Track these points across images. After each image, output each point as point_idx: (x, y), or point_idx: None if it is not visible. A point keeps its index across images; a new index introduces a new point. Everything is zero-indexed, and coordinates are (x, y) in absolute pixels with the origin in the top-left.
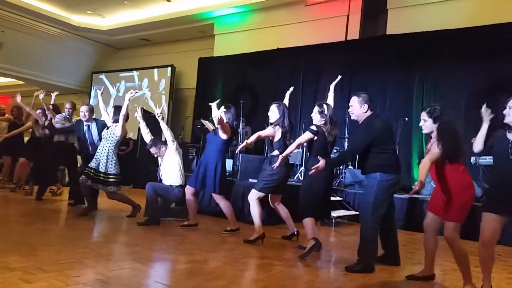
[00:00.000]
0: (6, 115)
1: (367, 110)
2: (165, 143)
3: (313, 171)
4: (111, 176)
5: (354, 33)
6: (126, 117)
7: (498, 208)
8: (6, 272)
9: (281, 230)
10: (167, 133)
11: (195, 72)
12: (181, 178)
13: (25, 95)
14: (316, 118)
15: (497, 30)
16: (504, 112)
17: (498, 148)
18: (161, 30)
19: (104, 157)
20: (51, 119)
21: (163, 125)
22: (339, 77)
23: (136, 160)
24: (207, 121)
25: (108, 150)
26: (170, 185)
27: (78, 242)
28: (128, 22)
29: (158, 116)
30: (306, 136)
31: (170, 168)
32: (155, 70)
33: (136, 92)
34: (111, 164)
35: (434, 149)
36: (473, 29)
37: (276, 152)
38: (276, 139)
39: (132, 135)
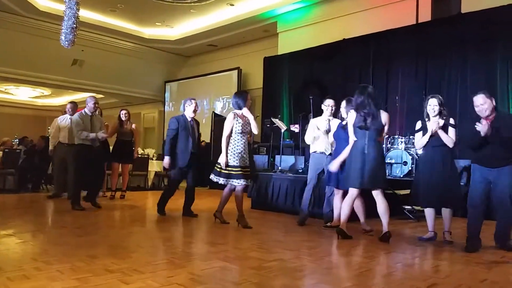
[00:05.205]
0: None
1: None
2: None
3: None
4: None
5: (425, 15)
6: None
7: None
8: (106, 274)
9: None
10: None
11: (261, 72)
12: None
13: (105, 107)
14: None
15: None
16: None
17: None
18: (227, 34)
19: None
20: None
21: None
22: None
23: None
24: (277, 120)
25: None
26: None
27: (167, 243)
28: (195, 30)
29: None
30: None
31: None
32: (222, 74)
33: None
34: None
35: None
36: None
37: None
38: None
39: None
